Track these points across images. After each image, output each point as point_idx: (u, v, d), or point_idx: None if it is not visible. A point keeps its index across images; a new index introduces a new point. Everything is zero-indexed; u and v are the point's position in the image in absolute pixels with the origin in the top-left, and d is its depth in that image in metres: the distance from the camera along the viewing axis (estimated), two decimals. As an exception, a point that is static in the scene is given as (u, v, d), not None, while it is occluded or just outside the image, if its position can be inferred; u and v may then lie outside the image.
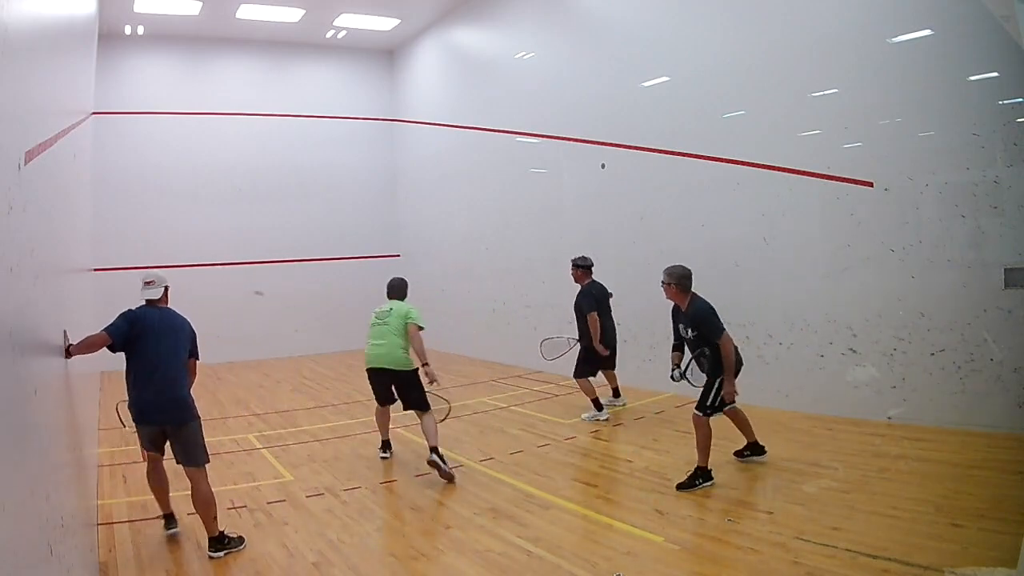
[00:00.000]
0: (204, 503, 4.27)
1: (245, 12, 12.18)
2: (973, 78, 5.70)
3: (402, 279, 6.42)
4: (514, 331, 11.31)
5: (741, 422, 5.46)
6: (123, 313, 4.37)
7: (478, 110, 12.14)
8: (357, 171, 14.85)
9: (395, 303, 6.11)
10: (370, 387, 6.17)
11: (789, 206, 7.10)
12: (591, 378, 7.54)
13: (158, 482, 4.57)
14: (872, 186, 6.37)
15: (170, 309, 4.57)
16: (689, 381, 5.33)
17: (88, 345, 3.97)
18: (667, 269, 5.36)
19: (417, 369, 5.77)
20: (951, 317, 5.89)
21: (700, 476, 5.00)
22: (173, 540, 4.47)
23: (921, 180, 6.06)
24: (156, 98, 12.94)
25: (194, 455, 4.35)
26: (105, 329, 4.19)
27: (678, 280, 5.29)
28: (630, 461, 5.80)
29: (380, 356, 5.91)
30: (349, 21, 13.15)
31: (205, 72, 13.54)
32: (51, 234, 3.00)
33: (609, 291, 7.70)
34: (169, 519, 4.64)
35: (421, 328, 5.84)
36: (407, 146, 14.77)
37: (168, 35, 12.89)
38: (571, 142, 9.95)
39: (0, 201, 1.57)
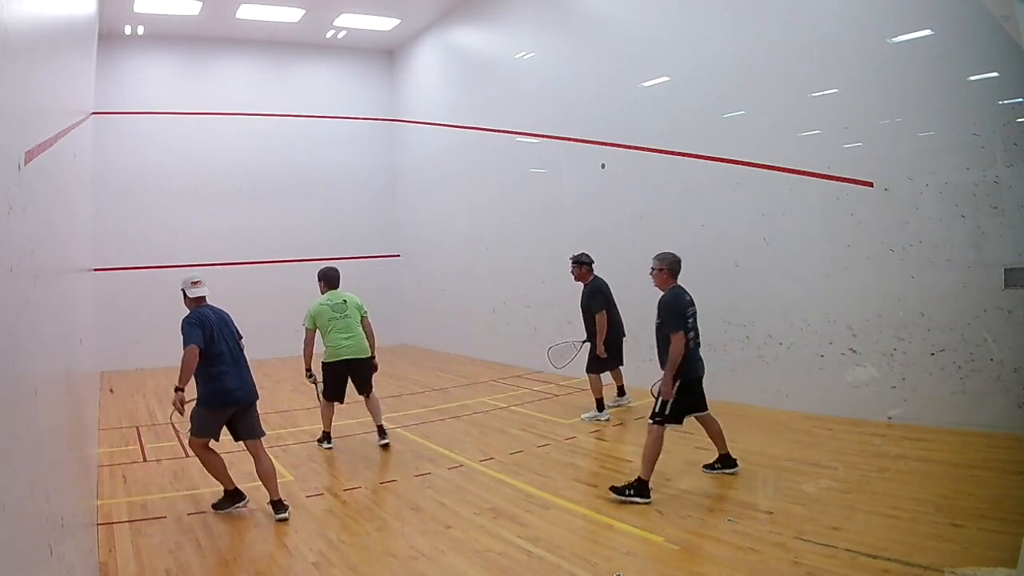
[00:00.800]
0: (268, 473, 4.87)
1: (245, 12, 12.18)
2: (973, 78, 5.70)
3: (336, 267, 6.91)
4: (514, 331, 11.31)
5: (714, 432, 5.29)
6: (189, 320, 4.87)
7: (478, 110, 12.14)
8: (357, 171, 14.84)
9: (343, 295, 6.63)
10: (327, 382, 6.53)
11: (789, 206, 7.10)
12: (601, 377, 7.46)
13: (217, 462, 4.99)
14: (872, 186, 6.37)
15: (214, 307, 5.15)
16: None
17: (189, 370, 4.73)
18: (658, 255, 5.32)
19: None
20: (951, 317, 5.89)
21: (634, 488, 4.79)
22: (175, 541, 4.46)
23: (921, 180, 6.06)
24: (156, 98, 12.94)
25: (259, 429, 5.03)
26: (190, 343, 4.73)
27: (670, 265, 5.25)
28: (630, 461, 5.80)
29: (352, 347, 6.44)
30: (349, 21, 13.14)
31: (205, 72, 13.54)
32: (51, 234, 3.00)
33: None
34: (237, 493, 5.01)
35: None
36: (407, 146, 14.77)
37: (168, 35, 12.89)
38: (571, 142, 9.95)
39: (0, 201, 1.57)
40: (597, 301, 7.34)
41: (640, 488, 4.81)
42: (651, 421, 5.00)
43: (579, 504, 4.88)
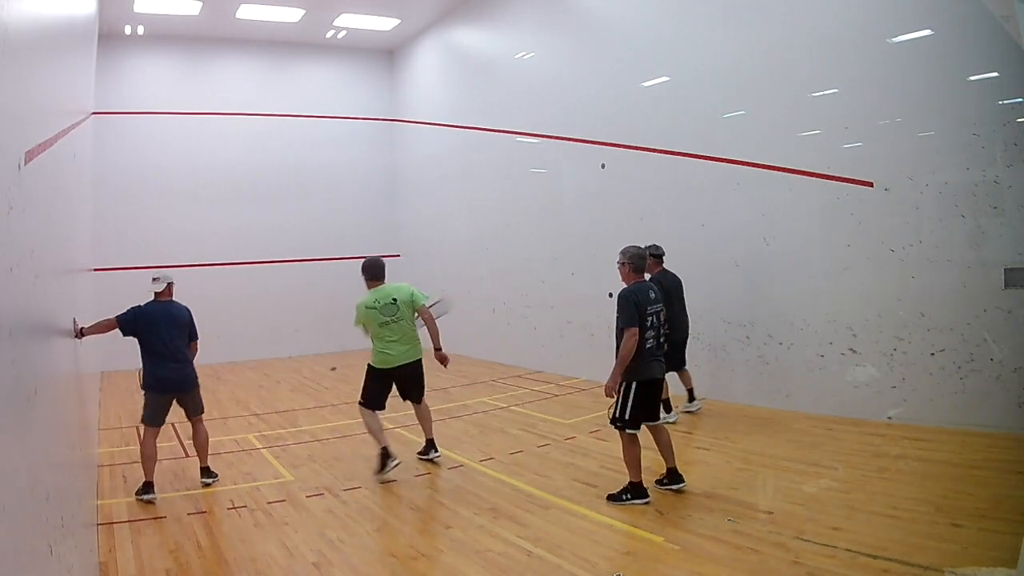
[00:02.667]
0: (203, 442, 5.73)
1: (245, 12, 12.18)
2: (973, 78, 5.70)
3: (380, 259, 6.10)
4: (514, 331, 11.31)
5: (663, 443, 5.01)
6: (132, 308, 5.49)
7: (478, 110, 12.14)
8: (357, 171, 14.84)
9: (391, 290, 5.84)
10: (369, 386, 5.82)
11: (789, 206, 7.10)
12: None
13: (155, 452, 5.44)
14: (872, 186, 6.37)
15: (172, 301, 5.65)
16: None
17: (100, 328, 5.17)
18: (622, 249, 5.18)
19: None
20: (951, 317, 5.89)
21: (629, 491, 4.80)
22: (175, 541, 4.47)
23: (921, 180, 6.06)
24: (156, 98, 12.93)
25: (198, 408, 5.73)
26: (116, 316, 5.35)
27: (631, 259, 5.09)
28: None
29: (404, 353, 5.76)
30: (349, 21, 13.14)
31: (205, 72, 13.54)
32: (51, 234, 3.00)
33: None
34: (148, 487, 5.31)
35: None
36: (407, 146, 14.77)
37: (168, 35, 12.88)
38: (571, 142, 9.95)
39: (0, 201, 1.57)
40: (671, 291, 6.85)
41: (635, 490, 4.80)
42: (612, 426, 4.93)
43: (579, 504, 4.88)
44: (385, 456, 5.62)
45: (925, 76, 5.98)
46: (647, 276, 6.52)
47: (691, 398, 7.25)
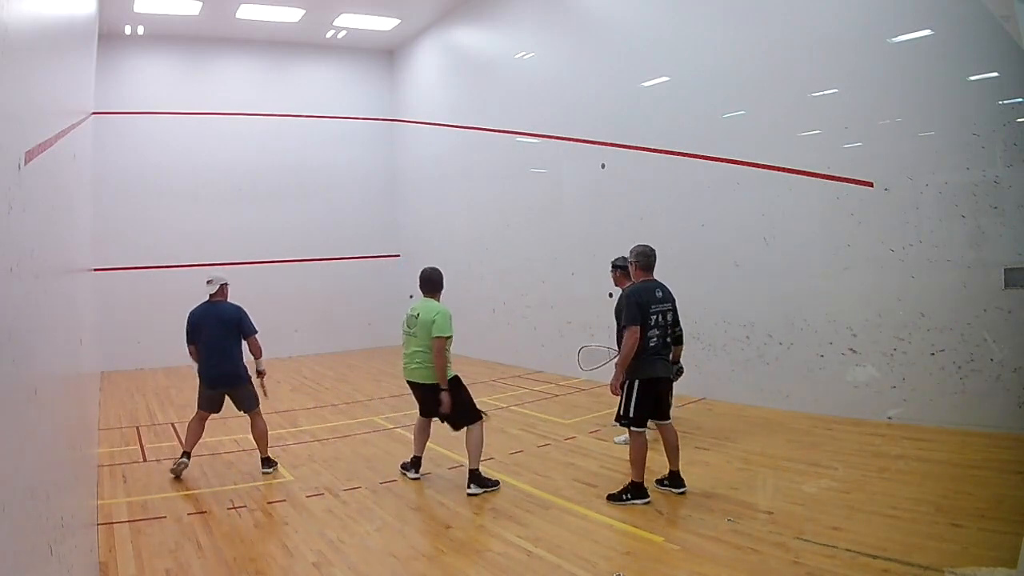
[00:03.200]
0: (261, 433, 6.02)
1: (245, 12, 12.18)
2: (973, 78, 5.70)
3: (435, 270, 5.58)
4: (514, 331, 11.31)
5: (669, 445, 4.94)
6: (189, 314, 6.01)
7: (478, 110, 12.14)
8: (357, 171, 14.84)
9: (424, 306, 5.37)
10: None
11: (789, 206, 7.10)
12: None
13: (197, 431, 5.95)
14: (872, 186, 6.37)
15: (222, 302, 5.99)
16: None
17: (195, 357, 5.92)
18: (631, 249, 5.19)
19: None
20: (951, 317, 5.89)
21: (629, 491, 4.79)
22: (175, 541, 4.46)
23: (921, 180, 6.06)
24: (156, 98, 12.93)
25: (249, 404, 5.98)
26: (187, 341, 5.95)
27: (636, 257, 5.08)
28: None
29: (413, 371, 5.41)
30: (349, 21, 13.14)
31: (205, 72, 13.54)
32: (51, 234, 3.00)
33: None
34: (186, 456, 5.86)
35: (448, 337, 5.23)
36: (407, 146, 14.77)
37: (168, 35, 12.88)
38: (571, 142, 9.95)
39: (0, 201, 1.57)
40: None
41: (636, 490, 4.79)
42: (616, 424, 5.00)
43: (579, 504, 4.88)
44: (412, 466, 5.69)
45: (925, 76, 5.98)
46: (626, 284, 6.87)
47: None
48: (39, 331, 2.28)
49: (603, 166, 9.39)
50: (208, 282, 5.98)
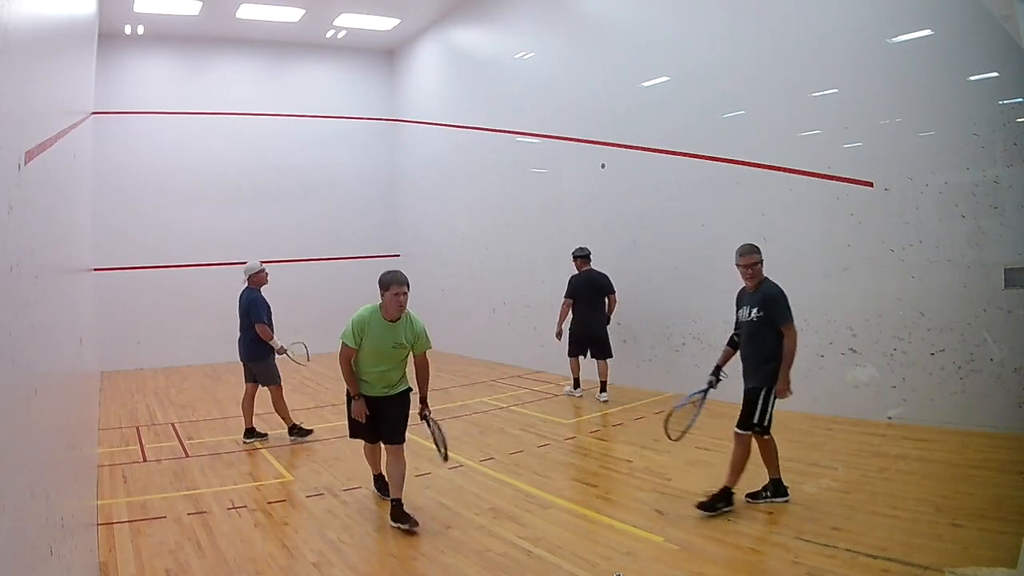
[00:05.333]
0: (276, 407, 7.06)
1: (245, 12, 12.17)
2: (973, 78, 5.70)
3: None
4: (514, 331, 11.30)
5: (769, 452, 4.72)
6: None
7: (478, 110, 12.13)
8: (357, 171, 14.83)
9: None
10: None
11: (789, 206, 7.10)
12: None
13: (247, 406, 7.07)
14: (872, 186, 6.37)
15: (248, 289, 7.19)
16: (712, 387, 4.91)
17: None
18: (752, 247, 4.76)
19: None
20: (951, 317, 5.89)
21: (723, 499, 4.55)
22: (175, 541, 4.46)
23: (921, 180, 6.06)
24: (156, 98, 12.93)
25: (264, 379, 7.05)
26: None
27: (761, 256, 4.71)
28: (630, 461, 5.80)
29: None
30: (349, 21, 13.14)
31: (205, 72, 13.54)
32: (51, 234, 3.00)
33: (603, 282, 8.35)
34: (248, 432, 7.00)
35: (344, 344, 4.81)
36: (407, 146, 14.77)
37: (168, 35, 12.88)
38: (571, 142, 9.95)
39: (0, 201, 1.57)
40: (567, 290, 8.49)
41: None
42: (743, 431, 4.62)
43: (579, 504, 4.88)
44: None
45: (925, 76, 5.98)
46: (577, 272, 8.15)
47: (603, 389, 8.26)
48: (39, 331, 2.28)
49: (603, 166, 9.38)
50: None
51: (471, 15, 12.34)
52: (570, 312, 8.42)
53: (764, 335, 4.64)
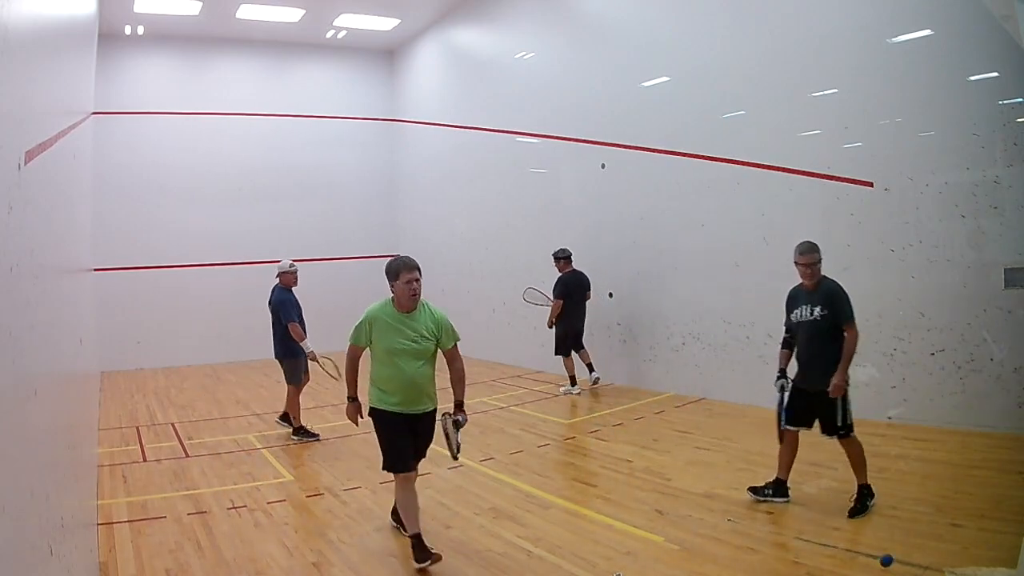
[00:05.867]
0: (288, 404, 7.26)
1: (245, 12, 12.18)
2: (973, 78, 5.70)
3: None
4: (514, 331, 11.30)
5: (857, 454, 4.56)
6: None
7: (478, 110, 12.13)
8: (357, 171, 14.83)
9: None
10: None
11: (789, 206, 7.09)
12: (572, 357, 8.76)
13: (298, 402, 7.18)
14: (872, 186, 6.37)
15: (277, 288, 7.37)
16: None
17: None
18: (811, 245, 4.60)
19: None
20: (951, 317, 5.89)
21: (868, 496, 4.39)
22: (175, 541, 4.46)
23: (921, 180, 6.05)
24: (156, 98, 12.93)
25: (287, 378, 7.31)
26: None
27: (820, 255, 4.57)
28: (630, 461, 5.80)
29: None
30: (349, 21, 13.14)
31: (205, 72, 13.54)
32: (51, 234, 3.00)
33: (587, 281, 8.81)
34: (297, 430, 7.08)
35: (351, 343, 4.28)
36: (407, 146, 14.76)
37: (168, 35, 12.88)
38: (571, 142, 9.94)
39: (0, 201, 1.57)
40: (555, 290, 8.78)
41: (870, 491, 4.42)
42: (838, 436, 4.47)
43: (579, 504, 4.88)
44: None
45: (925, 76, 5.97)
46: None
47: (583, 378, 8.78)
48: (39, 331, 2.28)
49: (603, 166, 9.38)
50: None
51: (471, 15, 12.33)
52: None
53: (831, 334, 4.51)
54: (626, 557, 3.97)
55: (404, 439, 4.08)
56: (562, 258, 8.74)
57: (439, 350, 4.17)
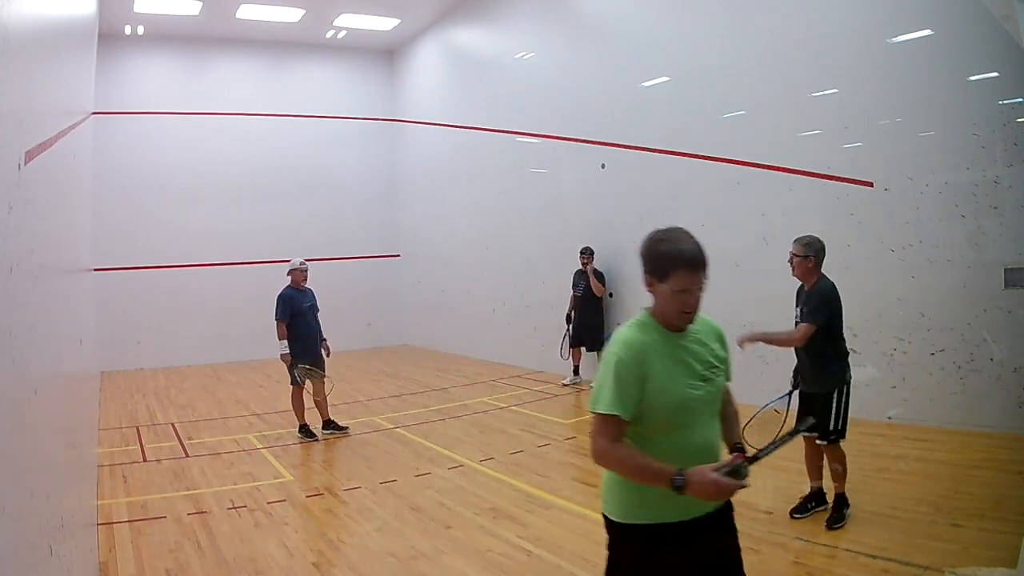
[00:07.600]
0: (316, 403, 7.18)
1: (245, 12, 12.17)
2: (973, 78, 5.70)
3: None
4: (514, 331, 11.30)
5: (819, 457, 4.57)
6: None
7: (478, 110, 12.13)
8: (357, 171, 14.82)
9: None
10: None
11: (789, 206, 7.09)
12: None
13: (301, 402, 7.08)
14: (872, 186, 6.37)
15: (286, 285, 7.56)
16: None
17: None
18: (808, 240, 4.49)
19: None
20: (951, 317, 5.88)
21: (844, 504, 4.34)
22: (175, 541, 4.46)
23: (921, 180, 6.05)
24: (156, 98, 12.93)
25: (291, 379, 7.10)
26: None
27: (817, 253, 4.45)
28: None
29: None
30: (349, 21, 13.14)
31: (205, 72, 13.53)
32: (51, 234, 3.00)
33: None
34: (302, 428, 7.06)
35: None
36: (407, 146, 14.76)
37: (168, 35, 12.88)
38: (571, 142, 9.94)
39: (0, 201, 1.57)
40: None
41: (841, 503, 4.35)
42: (826, 442, 4.43)
43: (579, 504, 4.88)
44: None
45: (925, 76, 5.97)
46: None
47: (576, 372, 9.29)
48: (39, 331, 2.28)
49: (603, 166, 9.38)
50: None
51: (471, 15, 12.33)
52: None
53: (818, 336, 4.40)
54: (626, 557, 3.97)
55: None
56: (591, 253, 9.28)
57: None
